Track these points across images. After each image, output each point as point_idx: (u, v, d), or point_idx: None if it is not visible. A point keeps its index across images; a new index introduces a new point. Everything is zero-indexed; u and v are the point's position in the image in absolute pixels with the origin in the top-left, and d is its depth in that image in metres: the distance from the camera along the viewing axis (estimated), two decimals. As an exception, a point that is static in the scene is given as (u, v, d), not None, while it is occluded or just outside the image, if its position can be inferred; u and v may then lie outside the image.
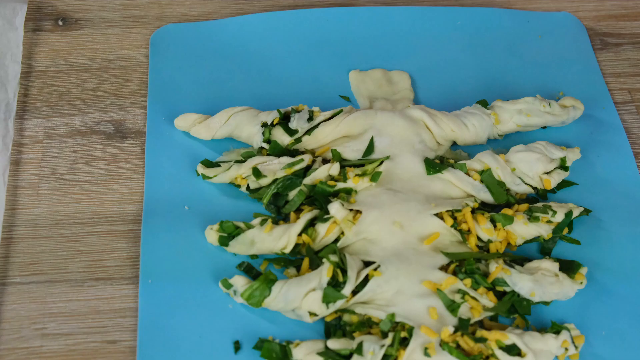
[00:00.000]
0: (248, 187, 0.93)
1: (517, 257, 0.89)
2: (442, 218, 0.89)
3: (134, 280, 0.88)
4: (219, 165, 0.95)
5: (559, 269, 0.87)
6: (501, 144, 1.00)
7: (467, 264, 0.85)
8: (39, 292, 0.87)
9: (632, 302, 0.88)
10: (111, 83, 1.04)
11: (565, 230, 0.92)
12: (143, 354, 0.83)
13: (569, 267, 0.88)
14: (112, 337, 0.85)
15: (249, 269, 0.88)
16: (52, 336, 0.85)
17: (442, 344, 0.81)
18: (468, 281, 0.85)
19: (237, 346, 0.84)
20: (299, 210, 0.91)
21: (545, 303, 0.87)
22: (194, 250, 0.90)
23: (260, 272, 0.88)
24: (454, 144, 0.99)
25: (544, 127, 1.01)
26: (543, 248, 0.91)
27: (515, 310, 0.86)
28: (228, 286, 0.86)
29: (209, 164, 0.95)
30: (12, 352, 0.84)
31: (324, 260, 0.85)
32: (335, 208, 0.88)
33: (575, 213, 0.92)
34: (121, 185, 0.95)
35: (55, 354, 0.84)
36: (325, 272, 0.84)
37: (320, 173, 0.91)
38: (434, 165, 0.92)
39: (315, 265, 0.87)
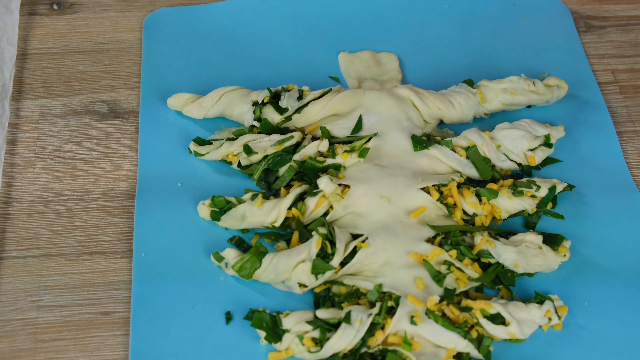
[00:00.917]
0: (239, 164, 0.95)
1: (501, 231, 0.91)
2: (428, 192, 0.91)
3: (127, 254, 0.91)
4: (211, 143, 0.97)
5: (542, 242, 0.90)
6: (487, 122, 1.02)
7: (452, 236, 0.88)
8: (34, 265, 0.89)
9: (614, 274, 0.90)
10: (105, 65, 1.06)
11: (549, 205, 0.94)
12: (136, 324, 0.85)
13: (552, 240, 0.91)
14: (106, 309, 0.87)
15: (240, 243, 0.90)
16: (47, 308, 0.87)
17: (428, 313, 0.83)
18: (453, 252, 0.87)
19: (229, 317, 0.86)
20: (289, 186, 0.93)
21: (529, 275, 0.89)
22: (186, 225, 0.92)
23: (251, 245, 0.90)
24: (441, 123, 1.01)
25: (529, 107, 1.03)
26: (527, 222, 0.93)
27: (499, 281, 0.88)
28: (219, 259, 0.88)
29: (201, 141, 0.97)
30: (8, 323, 0.86)
31: (313, 233, 0.87)
32: (324, 182, 0.90)
33: (559, 188, 0.94)
34: (115, 163, 0.98)
35: (51, 325, 0.86)
36: (314, 244, 0.86)
37: (310, 149, 0.93)
38: (421, 141, 0.95)
39: (304, 238, 0.89)
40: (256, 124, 0.97)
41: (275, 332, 0.83)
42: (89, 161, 0.98)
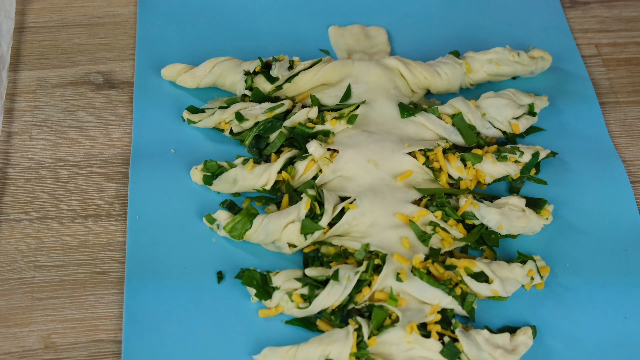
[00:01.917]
0: (231, 131, 0.98)
1: (486, 195, 0.94)
2: (415, 157, 0.94)
3: (122, 217, 0.93)
4: (204, 112, 1.00)
5: (525, 205, 0.92)
6: (473, 93, 1.04)
7: (437, 198, 0.90)
8: (31, 228, 0.92)
9: (596, 237, 0.93)
10: (101, 38, 1.09)
11: (533, 171, 0.96)
12: (131, 283, 0.87)
13: (535, 204, 0.93)
14: (102, 269, 0.89)
15: (231, 206, 0.93)
16: (44, 268, 0.89)
17: (414, 270, 0.85)
18: (439, 213, 0.89)
19: (220, 276, 0.88)
20: (279, 152, 0.96)
21: (512, 236, 0.92)
22: (179, 189, 0.94)
23: (242, 208, 0.92)
24: (428, 93, 1.04)
25: (514, 78, 1.06)
26: (511, 187, 0.96)
27: (483, 242, 0.90)
28: (211, 221, 0.91)
29: (194, 110, 1.00)
30: (5, 282, 0.88)
31: (303, 195, 0.89)
32: (314, 146, 0.92)
33: (542, 155, 0.96)
34: (110, 131, 1.00)
35: (47, 284, 0.88)
36: (303, 205, 0.88)
37: (300, 116, 0.96)
38: (408, 109, 0.97)
39: (294, 201, 0.92)
40: (248, 93, 1.00)
41: (265, 290, 0.86)
42: (84, 129, 1.00)
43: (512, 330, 0.85)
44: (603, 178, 0.98)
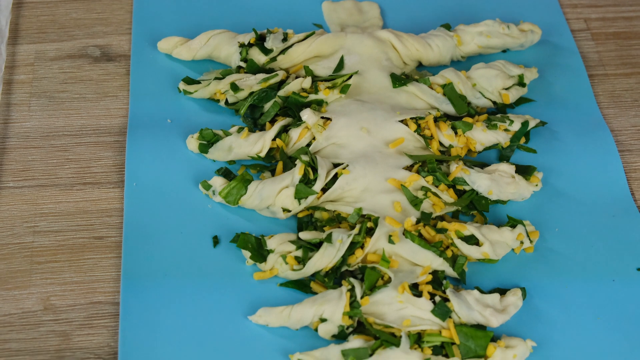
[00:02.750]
0: (226, 102, 0.99)
1: (476, 162, 0.96)
2: (406, 125, 0.95)
3: (119, 184, 0.95)
4: (200, 83, 1.01)
5: (515, 172, 0.94)
6: (464, 65, 1.06)
7: (429, 163, 0.92)
8: (30, 195, 0.94)
9: (584, 203, 0.95)
10: (98, 13, 1.11)
11: (523, 140, 0.98)
12: (128, 247, 0.89)
13: (525, 171, 0.95)
14: (99, 234, 0.91)
15: (226, 174, 0.94)
16: (43, 233, 0.91)
17: (405, 233, 0.87)
18: (430, 178, 0.91)
19: (216, 240, 0.90)
20: (273, 122, 0.98)
21: (502, 202, 0.94)
22: (175, 157, 0.96)
23: (238, 175, 0.94)
24: (420, 65, 1.06)
25: (504, 51, 1.08)
26: (501, 156, 0.98)
27: (474, 207, 0.92)
28: (207, 187, 0.93)
29: (190, 81, 1.01)
30: (5, 247, 0.90)
31: (297, 161, 0.91)
32: (307, 114, 0.94)
33: (532, 124, 0.98)
34: (107, 102, 1.02)
35: (46, 248, 0.90)
36: (297, 170, 0.90)
37: (294, 86, 0.98)
38: (400, 79, 0.99)
39: (288, 168, 0.93)
40: (243, 64, 1.02)
41: (259, 253, 0.88)
42: (82, 100, 1.02)
43: (502, 292, 0.87)
44: (592, 147, 0.99)
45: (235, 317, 0.85)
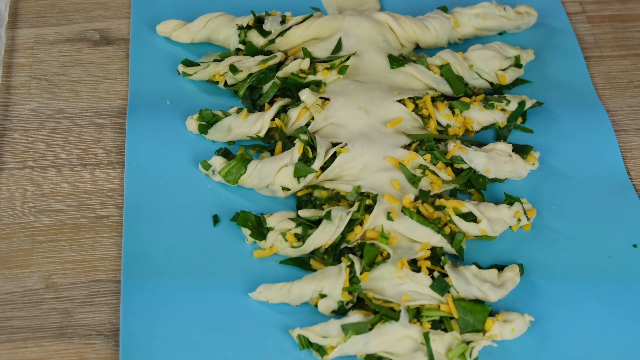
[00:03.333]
0: (225, 84, 1.00)
1: (474, 142, 0.97)
2: (404, 105, 0.96)
3: (119, 165, 0.95)
4: (199, 65, 1.02)
5: (512, 151, 0.95)
6: (461, 48, 1.07)
7: (427, 142, 0.93)
8: (31, 176, 0.94)
9: (581, 182, 0.96)
10: (96, -3, 1.12)
11: (519, 120, 0.99)
12: (129, 225, 0.90)
13: (522, 150, 0.96)
14: (100, 214, 0.92)
15: (226, 154, 0.95)
16: (44, 213, 0.91)
17: (404, 210, 0.88)
18: (428, 157, 0.92)
19: (216, 219, 0.91)
20: (272, 103, 0.98)
21: (500, 181, 0.94)
22: (175, 138, 0.97)
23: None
24: (417, 48, 1.06)
25: (501, 34, 1.09)
26: (498, 135, 0.99)
27: (471, 185, 0.93)
28: (207, 167, 0.93)
29: (189, 63, 1.02)
30: (6, 227, 0.90)
31: (296, 140, 0.92)
32: (306, 94, 0.95)
33: (529, 104, 0.99)
34: (107, 85, 1.02)
35: (47, 228, 0.90)
36: (296, 149, 0.91)
37: (292, 67, 0.98)
38: (397, 60, 1.00)
39: (287, 148, 0.94)
40: (241, 47, 1.02)
41: (259, 231, 0.88)
42: (82, 83, 1.02)
43: (499, 268, 0.88)
44: (588, 127, 1.00)
45: (236, 294, 0.86)
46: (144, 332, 0.82)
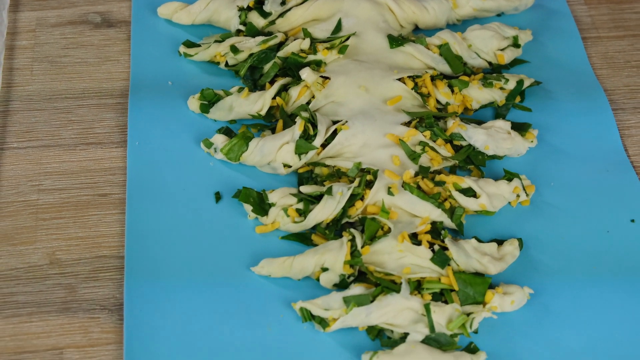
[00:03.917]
0: (227, 64, 1.01)
1: (473, 120, 0.98)
2: (404, 83, 0.97)
3: (122, 144, 0.96)
4: (200, 46, 1.03)
5: (511, 128, 0.96)
6: (459, 29, 1.08)
7: (426, 119, 0.94)
8: (34, 155, 0.95)
9: (579, 159, 0.97)
10: (98, -20, 1.13)
11: (518, 99, 1.00)
12: (132, 202, 0.90)
13: (520, 127, 0.97)
14: (103, 191, 0.92)
15: (227, 133, 0.96)
16: (47, 191, 0.92)
17: (404, 185, 0.89)
18: (427, 133, 0.93)
19: (218, 196, 0.92)
20: (273, 83, 0.99)
21: (499, 157, 0.95)
22: (177, 118, 0.98)
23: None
24: (416, 29, 1.07)
25: (499, 15, 1.09)
26: (497, 114, 1.00)
27: (471, 162, 0.94)
28: (209, 145, 0.94)
29: (190, 44, 1.03)
30: (10, 204, 0.91)
31: (297, 118, 0.93)
32: (307, 72, 0.96)
33: (527, 83, 1.00)
34: (109, 66, 1.03)
35: (51, 205, 0.91)
36: (297, 126, 0.92)
37: (293, 47, 0.99)
38: (397, 39, 1.01)
39: (288, 126, 0.95)
40: (242, 28, 1.03)
41: (261, 207, 0.89)
42: (84, 65, 1.03)
43: (499, 243, 0.89)
44: (586, 105, 1.01)
45: (238, 269, 0.87)
46: (147, 306, 0.83)
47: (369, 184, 0.89)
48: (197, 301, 0.84)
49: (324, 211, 0.87)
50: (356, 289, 0.83)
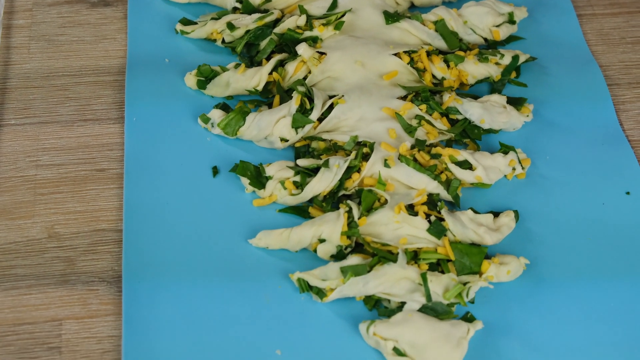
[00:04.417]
0: (223, 41, 1.01)
1: (469, 95, 0.98)
2: (400, 59, 0.98)
3: (119, 120, 0.97)
4: (197, 24, 1.03)
5: (506, 103, 0.96)
6: (455, 5, 1.08)
7: (422, 92, 0.94)
8: (32, 131, 0.95)
9: (574, 133, 0.97)
10: (94, -40, 1.13)
11: (513, 75, 1.01)
12: (130, 178, 0.91)
13: (516, 102, 0.98)
14: (101, 166, 0.93)
15: (224, 109, 0.96)
16: (45, 166, 0.93)
17: (400, 157, 0.89)
18: (424, 107, 0.93)
19: (215, 171, 0.92)
20: (270, 59, 0.99)
21: (494, 131, 0.96)
22: (174, 94, 0.98)
23: (235, 109, 0.96)
24: (412, 7, 1.08)
25: (495, -9, 1.10)
26: (492, 89, 1.00)
27: (467, 135, 0.94)
28: (206, 120, 0.94)
29: (186, 22, 1.03)
30: (8, 180, 0.91)
31: (293, 93, 0.93)
32: (303, 48, 0.96)
33: (522, 58, 1.01)
34: (106, 44, 1.04)
35: (49, 180, 0.91)
36: (294, 100, 0.92)
37: (289, 23, 1.00)
38: (392, 15, 1.01)
39: (285, 102, 0.95)
40: (238, 5, 1.04)
41: (258, 180, 0.90)
42: (81, 43, 1.04)
43: (495, 215, 0.89)
44: (581, 81, 1.02)
45: (236, 242, 0.87)
46: (146, 277, 0.84)
47: (366, 157, 0.90)
48: (195, 273, 0.84)
49: (321, 183, 0.88)
50: (353, 259, 0.83)
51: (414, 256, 0.84)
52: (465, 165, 0.90)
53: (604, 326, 0.83)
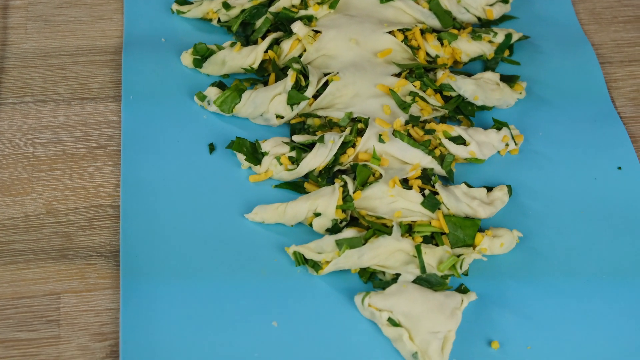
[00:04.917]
0: (219, 21, 1.02)
1: (462, 73, 0.99)
2: (394, 37, 0.98)
3: (116, 99, 0.97)
4: (192, 3, 1.04)
5: (500, 80, 0.97)
6: (449, -14, 1.09)
7: (416, 69, 0.95)
8: (29, 110, 0.96)
9: (567, 110, 0.98)
10: (89, -54, 1.13)
11: (507, 53, 1.02)
12: (127, 155, 0.92)
13: (509, 79, 0.99)
14: (98, 144, 0.94)
15: (220, 87, 0.97)
16: (43, 144, 0.93)
17: (395, 132, 0.90)
18: (418, 83, 0.94)
19: (212, 147, 0.93)
20: (265, 38, 1.00)
21: (488, 108, 0.97)
22: (170, 73, 0.99)
23: (231, 87, 0.97)
24: (407, -13, 1.09)
25: (488, -28, 1.11)
26: (486, 67, 1.01)
27: (461, 112, 0.95)
28: (202, 98, 0.95)
29: (182, 1, 1.04)
30: (6, 157, 0.92)
31: (289, 71, 0.94)
32: (298, 26, 0.97)
33: (515, 37, 1.02)
34: (102, 24, 1.04)
35: (46, 157, 0.92)
36: (289, 78, 0.93)
37: (284, 2, 1.01)
38: (387, -6, 1.03)
39: (280, 80, 0.96)
40: (233, -15, 1.05)
41: (254, 156, 0.90)
42: (77, 23, 1.04)
43: (489, 189, 0.90)
44: (574, 59, 1.03)
45: (232, 217, 0.88)
46: (143, 251, 0.84)
47: (360, 132, 0.90)
48: (191, 247, 0.85)
49: (316, 159, 0.89)
50: (348, 232, 0.84)
51: (409, 229, 0.85)
52: (459, 140, 0.91)
53: (595, 296, 0.84)
